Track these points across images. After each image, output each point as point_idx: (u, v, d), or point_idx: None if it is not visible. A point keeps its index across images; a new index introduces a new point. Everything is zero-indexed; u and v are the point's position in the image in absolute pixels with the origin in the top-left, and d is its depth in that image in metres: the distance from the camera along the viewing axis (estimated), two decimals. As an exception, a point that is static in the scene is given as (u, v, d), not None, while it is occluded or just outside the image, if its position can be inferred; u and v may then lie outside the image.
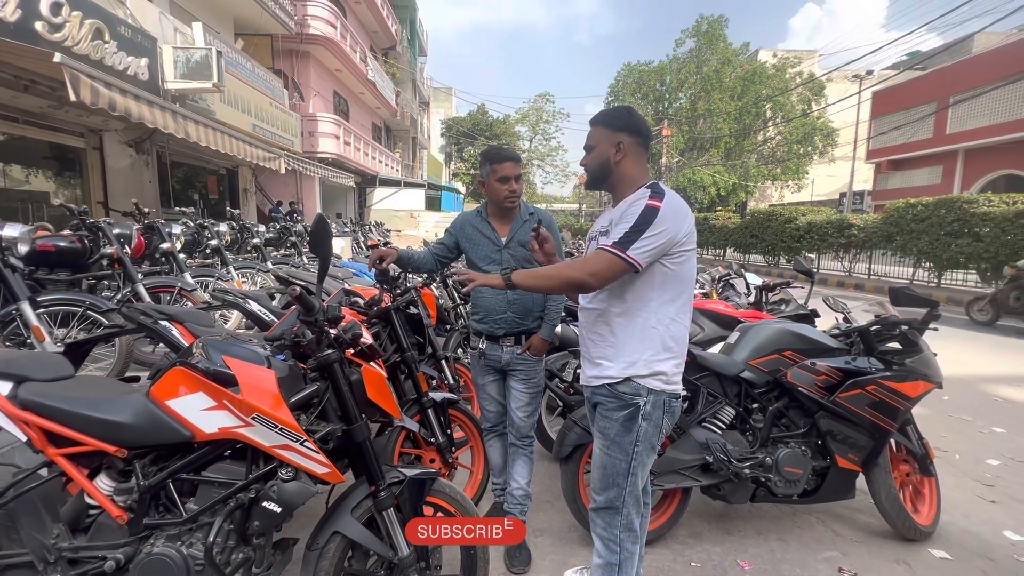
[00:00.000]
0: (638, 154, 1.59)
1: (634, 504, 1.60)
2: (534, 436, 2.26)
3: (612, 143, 1.56)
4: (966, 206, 10.24)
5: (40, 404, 1.34)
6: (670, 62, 30.75)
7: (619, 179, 1.59)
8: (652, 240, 1.41)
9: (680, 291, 1.53)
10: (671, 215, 1.43)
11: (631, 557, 1.61)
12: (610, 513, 1.60)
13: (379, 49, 22.26)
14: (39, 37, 5.39)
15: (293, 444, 1.38)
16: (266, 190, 14.33)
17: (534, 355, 2.15)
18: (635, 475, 1.57)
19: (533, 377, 2.18)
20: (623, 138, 1.56)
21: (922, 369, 2.29)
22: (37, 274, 3.58)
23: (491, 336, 2.17)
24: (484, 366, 2.24)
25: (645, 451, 1.56)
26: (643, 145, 1.60)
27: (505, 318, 2.13)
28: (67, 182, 8.27)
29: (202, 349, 1.42)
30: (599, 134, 1.60)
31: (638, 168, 1.59)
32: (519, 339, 2.15)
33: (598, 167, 1.60)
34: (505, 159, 2.08)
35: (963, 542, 2.38)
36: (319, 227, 1.41)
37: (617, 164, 1.58)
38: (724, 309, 3.17)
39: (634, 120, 1.59)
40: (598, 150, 1.59)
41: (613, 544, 1.60)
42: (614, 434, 1.55)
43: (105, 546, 1.37)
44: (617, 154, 1.56)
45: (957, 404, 4.17)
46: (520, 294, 2.09)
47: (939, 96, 19.07)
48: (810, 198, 30.02)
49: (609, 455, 1.58)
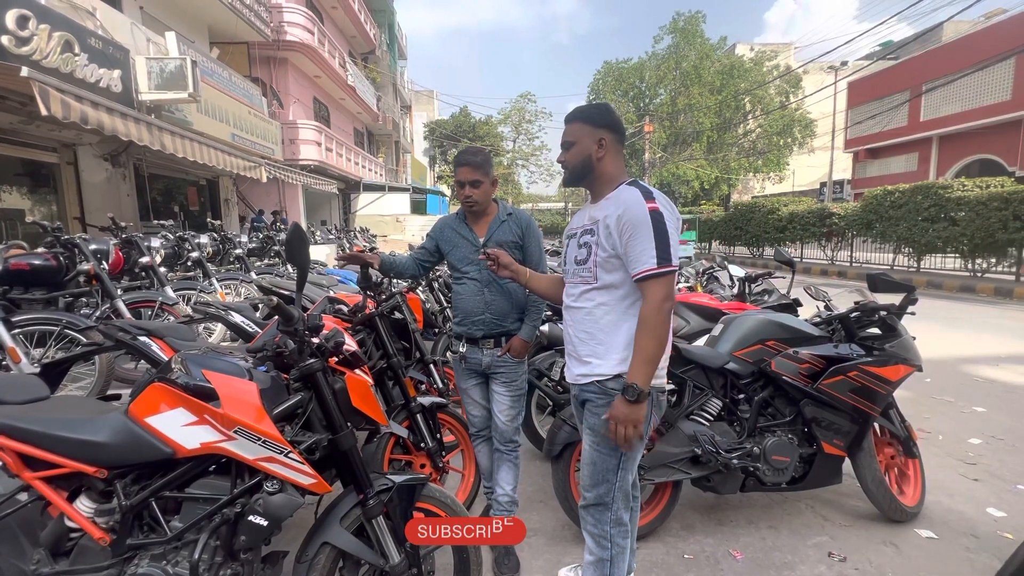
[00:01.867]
0: (617, 151, 1.60)
1: (623, 499, 1.60)
2: (518, 441, 2.21)
3: (594, 139, 1.56)
4: (941, 191, 10.49)
5: (14, 428, 1.30)
6: (649, 58, 30.97)
7: (599, 176, 1.60)
8: (674, 239, 1.46)
9: None
10: (668, 212, 1.48)
11: (622, 552, 1.62)
12: (600, 509, 1.61)
13: (358, 54, 22.11)
14: (6, 51, 5.25)
15: (278, 456, 1.36)
16: (248, 199, 14.15)
17: (514, 357, 2.10)
18: (625, 470, 1.57)
19: (515, 380, 2.13)
20: (604, 135, 1.56)
21: (902, 353, 2.33)
22: (11, 294, 3.50)
23: (471, 339, 2.13)
24: (465, 370, 2.19)
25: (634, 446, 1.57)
26: (621, 142, 1.62)
27: (483, 319, 2.09)
28: (42, 199, 8.08)
29: (181, 364, 1.40)
30: (579, 130, 1.59)
31: (617, 165, 1.61)
32: (499, 341, 2.11)
33: (579, 164, 1.60)
34: (459, 164, 2.06)
35: (948, 521, 2.43)
36: (295, 236, 1.39)
37: (599, 161, 1.58)
38: (708, 302, 3.21)
39: (614, 117, 1.60)
40: (579, 147, 1.58)
41: (604, 540, 1.60)
42: (604, 430, 1.55)
43: (87, 569, 1.34)
44: (599, 151, 1.56)
45: (939, 386, 4.26)
46: (497, 295, 2.08)
47: (912, 84, 19.50)
48: (791, 189, 30.49)
49: (599, 451, 1.58)
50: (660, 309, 1.44)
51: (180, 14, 10.53)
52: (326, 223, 16.56)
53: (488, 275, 2.05)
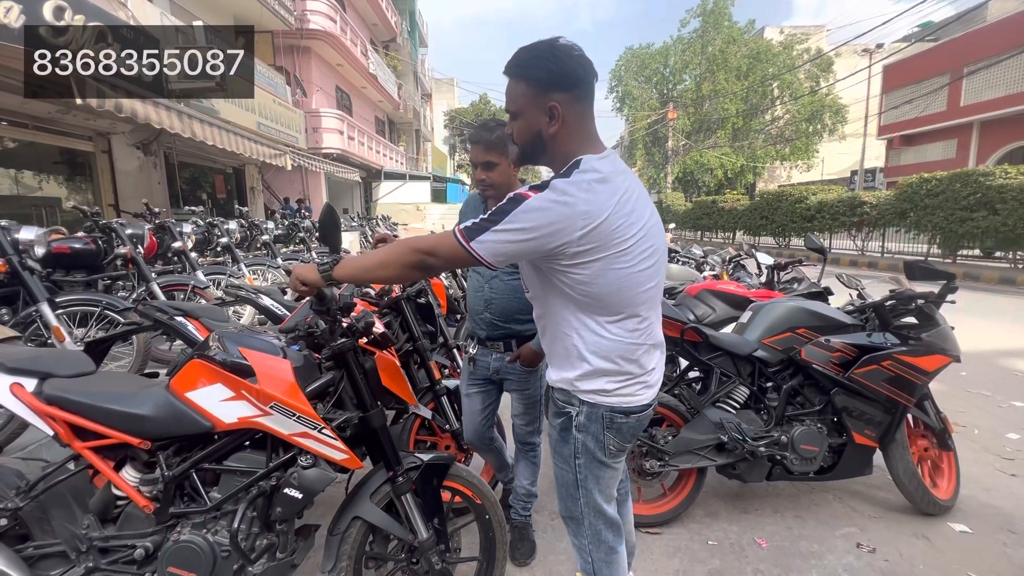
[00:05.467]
0: (579, 115, 1.16)
1: (596, 515, 1.37)
2: (537, 443, 2.08)
3: (542, 108, 1.14)
4: (982, 179, 10.03)
5: (65, 399, 1.37)
6: (674, 43, 30.19)
7: (554, 156, 1.20)
8: (502, 236, 1.08)
9: (603, 306, 1.18)
10: (546, 216, 1.06)
11: (605, 565, 1.44)
12: (573, 523, 1.44)
13: (379, 42, 22.13)
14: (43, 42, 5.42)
15: (311, 432, 1.40)
16: (272, 188, 14.40)
17: (525, 366, 1.87)
18: (587, 489, 1.35)
19: (527, 388, 1.95)
20: (556, 98, 1.13)
21: (939, 343, 2.26)
22: (54, 276, 3.65)
23: (479, 340, 1.96)
24: (471, 374, 1.99)
25: (590, 465, 1.32)
26: (586, 98, 1.16)
27: (484, 318, 1.90)
28: (77, 186, 8.37)
29: (218, 342, 1.44)
30: (522, 95, 1.16)
31: (580, 135, 1.17)
32: (509, 345, 1.90)
33: (528, 142, 1.20)
34: (472, 142, 1.78)
35: (983, 515, 2.37)
36: (328, 217, 1.41)
37: (553, 137, 1.17)
38: (735, 289, 3.15)
39: (565, 66, 1.12)
40: (525, 119, 1.17)
41: (584, 553, 1.46)
42: (555, 443, 1.39)
43: (134, 535, 1.41)
44: (551, 124, 1.15)
45: (975, 379, 4.11)
46: (497, 292, 1.87)
47: (953, 67, 18.57)
48: (820, 177, 29.55)
49: (556, 465, 1.41)
50: (410, 249, 1.15)
51: (207, 3, 10.70)
52: (348, 211, 16.76)
53: (489, 270, 1.83)
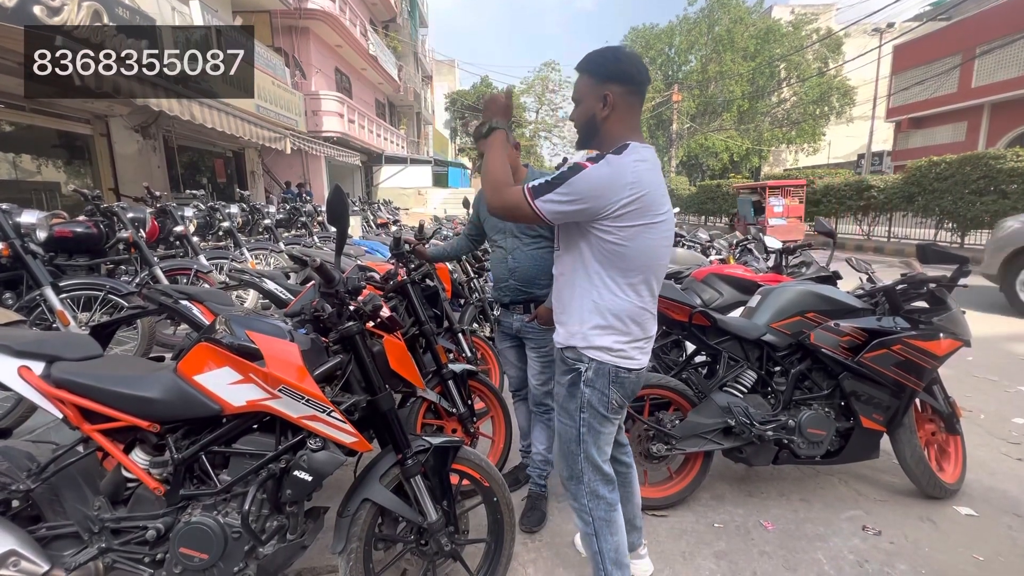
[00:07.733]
0: (629, 107, 1.39)
1: (593, 471, 1.52)
2: (550, 404, 2.19)
3: (598, 96, 1.37)
4: (992, 162, 9.89)
5: (73, 382, 1.36)
6: (680, 23, 29.59)
7: (604, 139, 1.40)
8: (562, 198, 1.29)
9: (627, 268, 1.37)
10: (600, 182, 1.28)
11: (606, 524, 1.54)
12: (574, 483, 1.56)
13: (379, 22, 21.72)
14: (38, 21, 5.32)
15: (320, 415, 1.39)
16: (273, 172, 14.28)
17: (541, 324, 2.08)
18: (586, 443, 1.50)
19: (544, 346, 2.13)
20: (611, 89, 1.36)
21: (950, 327, 2.24)
22: (56, 260, 3.63)
23: (503, 304, 2.23)
24: (501, 332, 2.33)
25: (593, 418, 1.48)
26: (636, 94, 1.39)
27: (508, 286, 2.15)
28: (76, 170, 8.30)
29: (225, 325, 1.42)
30: (584, 85, 1.40)
31: (625, 124, 1.39)
32: (528, 307, 2.14)
33: (584, 125, 1.43)
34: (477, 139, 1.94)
35: (989, 499, 2.37)
36: (336, 198, 1.38)
37: (604, 121, 1.38)
38: (743, 273, 3.12)
39: (624, 65, 1.36)
40: (584, 105, 1.41)
41: (585, 514, 1.55)
42: (562, 399, 1.52)
43: (145, 516, 1.41)
44: (604, 109, 1.37)
45: (982, 364, 4.10)
46: (520, 262, 2.10)
47: (965, 48, 18.16)
48: (827, 161, 29.19)
49: (561, 422, 1.54)
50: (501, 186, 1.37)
51: (204, -17, 10.45)
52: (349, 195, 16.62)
53: (513, 242, 2.10)
